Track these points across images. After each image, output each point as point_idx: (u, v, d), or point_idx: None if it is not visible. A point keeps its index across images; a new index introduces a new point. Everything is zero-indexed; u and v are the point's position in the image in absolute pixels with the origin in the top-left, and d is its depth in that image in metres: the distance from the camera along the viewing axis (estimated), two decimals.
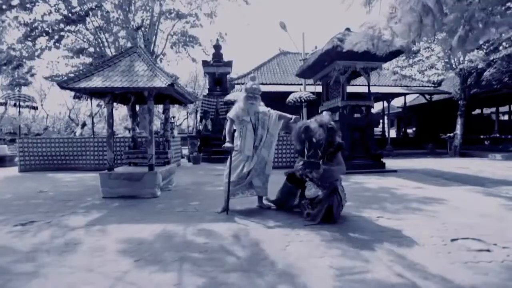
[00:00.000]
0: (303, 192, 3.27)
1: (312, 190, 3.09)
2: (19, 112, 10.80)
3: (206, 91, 12.46)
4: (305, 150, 3.18)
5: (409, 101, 19.74)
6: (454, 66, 12.05)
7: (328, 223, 2.98)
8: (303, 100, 10.88)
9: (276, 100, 11.94)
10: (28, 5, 9.13)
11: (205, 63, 11.85)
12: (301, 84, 13.10)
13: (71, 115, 24.84)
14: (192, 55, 13.56)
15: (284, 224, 3.02)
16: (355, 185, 5.38)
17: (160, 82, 4.24)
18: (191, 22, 12.52)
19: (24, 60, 10.46)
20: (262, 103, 3.71)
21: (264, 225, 3.02)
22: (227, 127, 3.61)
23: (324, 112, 3.03)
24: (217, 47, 12.10)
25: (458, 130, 12.32)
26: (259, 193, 3.66)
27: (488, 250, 2.31)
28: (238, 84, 14.54)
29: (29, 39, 9.90)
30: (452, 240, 2.54)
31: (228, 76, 12.33)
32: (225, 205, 3.59)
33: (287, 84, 15.14)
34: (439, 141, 13.99)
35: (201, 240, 2.59)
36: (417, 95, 18.00)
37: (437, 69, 13.42)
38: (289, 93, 12.32)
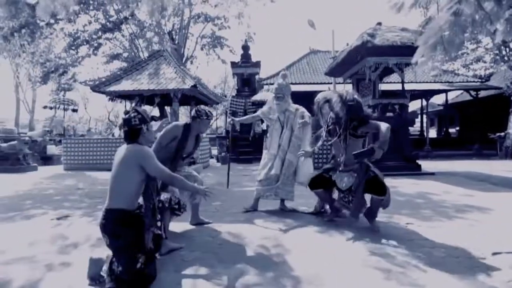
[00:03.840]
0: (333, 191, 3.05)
1: (344, 179, 2.78)
2: (64, 115, 11.83)
3: (235, 92, 12.59)
4: (322, 124, 3.01)
5: (451, 98, 18.21)
6: (506, 57, 10.88)
7: (378, 196, 2.60)
8: None
9: (307, 99, 11.74)
10: (71, 17, 9.99)
11: (233, 64, 11.97)
12: (332, 83, 12.70)
13: (110, 117, 26.51)
14: (222, 57, 13.81)
15: (304, 228, 2.91)
16: None
17: (184, 84, 4.33)
18: (219, 25, 12.75)
19: (68, 67, 11.46)
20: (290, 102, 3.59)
21: (282, 229, 2.93)
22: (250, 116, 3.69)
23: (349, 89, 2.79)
24: (245, 47, 12.16)
25: (511, 129, 11.11)
26: (282, 195, 3.48)
27: None
28: (266, 84, 14.48)
29: (72, 48, 10.86)
30: (493, 254, 2.24)
31: (256, 76, 12.34)
32: (254, 203, 3.56)
33: (318, 83, 14.76)
34: (487, 142, 12.69)
35: (215, 242, 2.57)
36: (461, 91, 16.56)
37: (485, 62, 12.21)
38: (319, 92, 11.98)
